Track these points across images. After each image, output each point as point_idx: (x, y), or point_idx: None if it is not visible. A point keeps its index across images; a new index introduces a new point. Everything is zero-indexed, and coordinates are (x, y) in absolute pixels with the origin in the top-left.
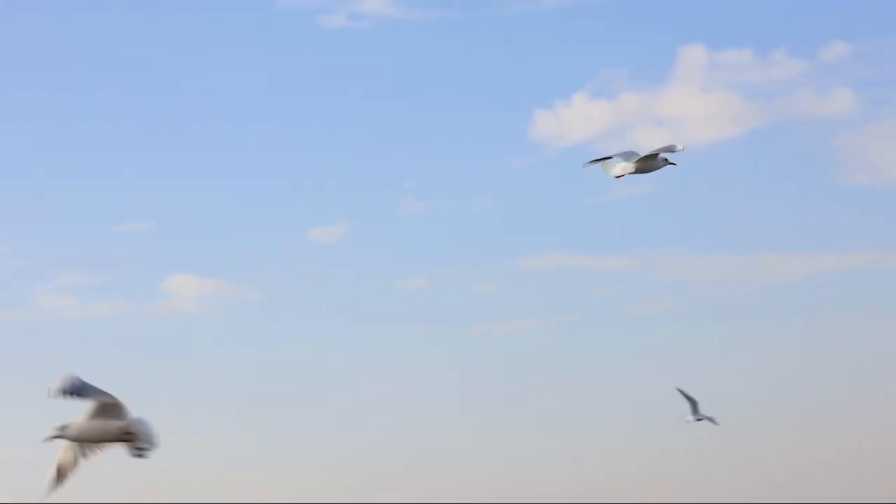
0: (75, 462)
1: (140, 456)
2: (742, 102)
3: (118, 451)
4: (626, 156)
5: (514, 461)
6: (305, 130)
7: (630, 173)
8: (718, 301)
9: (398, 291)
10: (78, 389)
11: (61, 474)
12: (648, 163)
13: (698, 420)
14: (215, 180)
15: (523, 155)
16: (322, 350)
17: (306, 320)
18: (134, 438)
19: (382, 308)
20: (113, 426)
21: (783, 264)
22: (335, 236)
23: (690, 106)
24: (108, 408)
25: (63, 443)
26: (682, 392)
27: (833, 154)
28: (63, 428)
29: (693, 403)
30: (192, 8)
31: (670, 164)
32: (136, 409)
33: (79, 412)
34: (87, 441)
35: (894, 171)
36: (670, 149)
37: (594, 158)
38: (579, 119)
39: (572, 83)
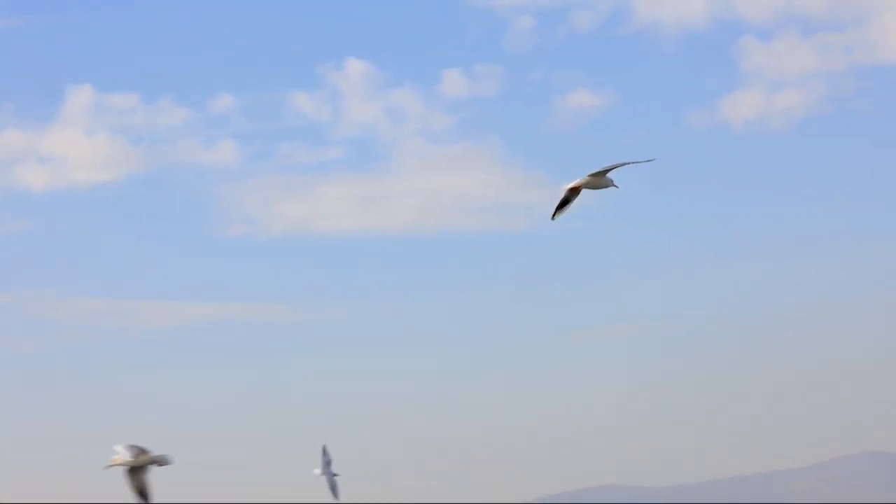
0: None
1: None
2: (126, 146)
3: None
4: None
5: None
6: None
7: (584, 186)
8: (93, 342)
9: None
10: None
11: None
12: (599, 179)
13: (326, 475)
14: None
15: None
16: None
17: None
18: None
19: None
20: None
21: (165, 311)
22: None
23: (75, 146)
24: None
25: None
26: (324, 449)
27: (214, 204)
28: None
29: (327, 461)
30: None
31: (614, 186)
32: None
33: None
34: None
35: (272, 223)
36: (622, 165)
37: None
38: None
39: None
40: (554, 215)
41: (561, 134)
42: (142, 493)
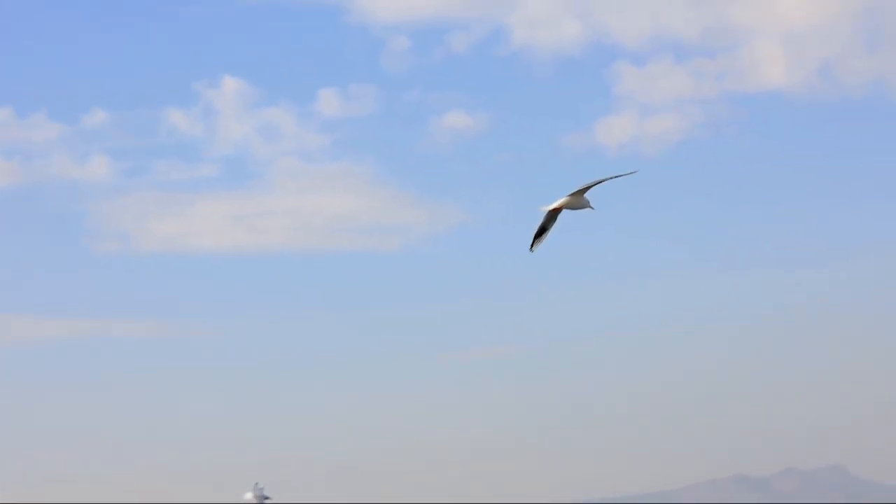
0: None
1: None
2: None
3: None
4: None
5: None
6: None
7: (563, 207)
8: None
9: None
10: None
11: None
12: (578, 199)
13: (257, 498)
14: None
15: None
16: None
17: None
18: None
19: None
20: None
21: (34, 325)
22: None
23: None
24: None
25: None
26: (255, 484)
27: (86, 220)
28: None
29: (261, 488)
30: None
31: (590, 207)
32: None
33: None
34: None
35: (146, 240)
36: (601, 181)
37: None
38: None
39: None
40: (532, 245)
41: (436, 154)
42: None
